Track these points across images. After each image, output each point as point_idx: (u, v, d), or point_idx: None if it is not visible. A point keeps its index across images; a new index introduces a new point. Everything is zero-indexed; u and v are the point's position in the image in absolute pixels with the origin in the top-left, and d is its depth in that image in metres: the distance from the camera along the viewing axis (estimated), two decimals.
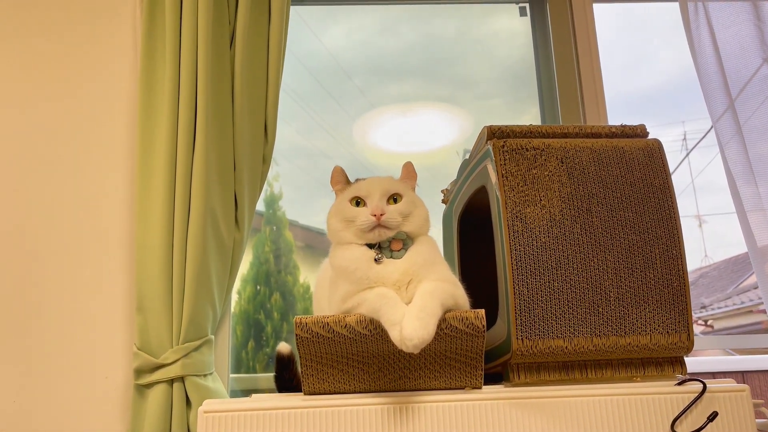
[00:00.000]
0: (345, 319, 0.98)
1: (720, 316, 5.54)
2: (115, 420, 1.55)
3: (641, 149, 1.13)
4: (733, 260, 6.64)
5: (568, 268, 1.06)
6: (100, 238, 1.66)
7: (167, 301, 1.49)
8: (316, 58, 2.12)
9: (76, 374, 1.58)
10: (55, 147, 1.72)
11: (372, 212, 1.02)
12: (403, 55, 2.20)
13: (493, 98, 2.18)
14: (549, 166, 1.11)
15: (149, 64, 1.64)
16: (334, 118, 2.09)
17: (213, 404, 0.99)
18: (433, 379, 1.03)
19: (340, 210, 1.07)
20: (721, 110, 1.64)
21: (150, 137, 1.59)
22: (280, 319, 1.90)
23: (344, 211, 1.06)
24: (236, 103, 1.63)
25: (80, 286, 1.63)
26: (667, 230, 1.09)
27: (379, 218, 1.02)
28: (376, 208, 1.03)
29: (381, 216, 1.02)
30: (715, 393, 1.00)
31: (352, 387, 1.03)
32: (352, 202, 1.06)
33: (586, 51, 1.94)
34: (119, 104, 1.75)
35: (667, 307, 1.06)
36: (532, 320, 1.04)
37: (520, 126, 1.17)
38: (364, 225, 1.03)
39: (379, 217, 1.02)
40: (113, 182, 1.70)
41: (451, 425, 0.97)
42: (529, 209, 1.08)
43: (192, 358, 1.47)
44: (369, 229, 1.03)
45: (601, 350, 1.05)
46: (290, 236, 1.98)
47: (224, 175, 1.60)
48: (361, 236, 1.04)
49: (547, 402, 0.99)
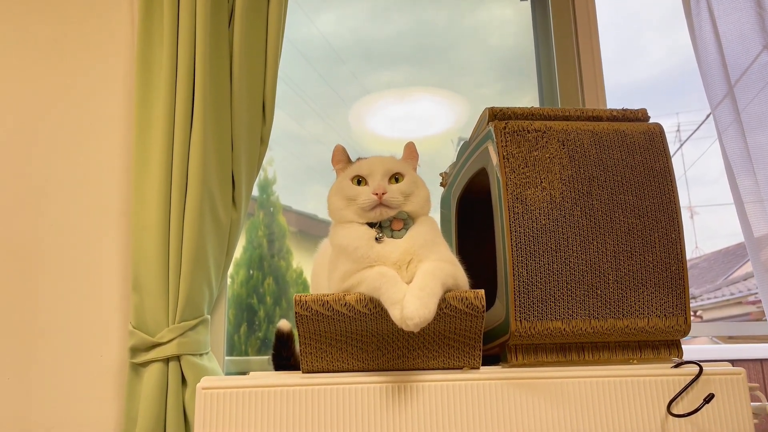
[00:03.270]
0: (345, 298, 0.98)
1: (709, 306, 5.59)
2: (110, 398, 1.55)
3: (642, 133, 1.13)
4: (723, 252, 6.69)
5: (567, 250, 1.06)
6: (96, 217, 1.65)
7: (163, 280, 1.48)
8: (308, 44, 2.10)
9: (71, 352, 1.57)
10: (50, 126, 1.70)
11: (374, 191, 1.02)
12: (394, 41, 2.18)
13: (485, 86, 2.16)
14: (550, 149, 1.11)
15: (146, 42, 1.62)
16: (327, 104, 2.07)
17: (211, 381, 0.99)
18: (431, 359, 1.03)
19: (341, 188, 1.06)
20: (720, 97, 1.64)
21: (147, 116, 1.58)
22: (272, 304, 1.89)
23: (345, 190, 1.05)
24: (234, 83, 1.61)
25: (76, 264, 1.62)
26: (667, 214, 1.09)
27: (380, 197, 1.01)
28: (378, 186, 1.02)
29: (383, 195, 1.01)
30: (711, 376, 1.01)
31: (350, 365, 1.03)
32: (354, 181, 1.05)
33: (586, 37, 1.94)
34: (116, 83, 1.73)
35: (665, 291, 1.07)
36: (530, 302, 1.04)
37: (522, 108, 1.16)
38: (366, 203, 1.02)
39: (381, 195, 1.01)
40: (110, 161, 1.69)
41: (449, 404, 0.98)
42: (529, 191, 1.08)
43: (188, 337, 1.47)
44: (370, 207, 1.02)
45: (599, 332, 1.05)
46: (284, 221, 1.97)
47: (222, 155, 1.59)
48: (362, 215, 1.04)
49: (544, 383, 1.00)
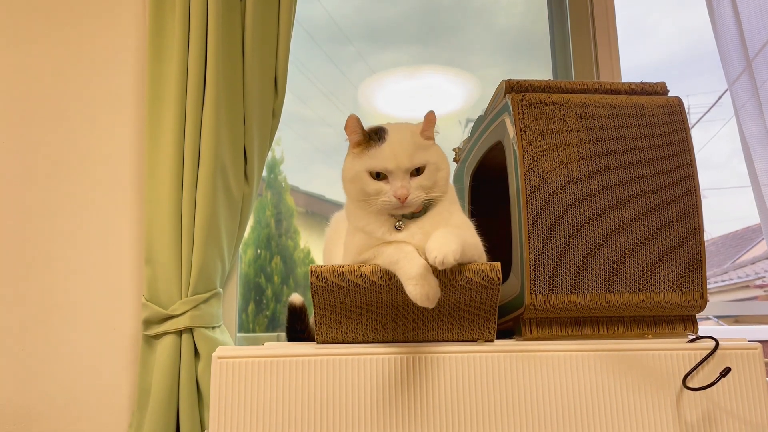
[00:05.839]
0: (360, 269, 0.98)
1: (716, 290, 5.57)
2: (124, 370, 1.56)
3: (661, 106, 1.12)
4: (731, 236, 6.66)
5: (584, 224, 1.05)
6: (109, 190, 1.65)
7: (176, 253, 1.49)
8: (313, 23, 2.07)
9: (85, 325, 1.58)
10: (63, 100, 1.69)
11: (395, 194, 0.96)
12: (401, 21, 2.14)
13: (493, 67, 2.14)
14: (568, 122, 1.09)
15: (159, 15, 1.60)
16: (334, 84, 2.05)
17: (227, 351, 0.99)
18: (446, 331, 1.03)
19: (359, 179, 0.99)
20: (738, 73, 1.61)
21: (159, 89, 1.57)
22: (280, 283, 1.89)
23: (364, 183, 0.98)
24: (246, 56, 1.60)
25: (89, 237, 1.63)
26: (685, 188, 1.08)
27: (403, 201, 0.96)
28: (400, 189, 0.96)
29: (405, 199, 0.96)
30: (727, 350, 1.01)
31: (365, 337, 1.03)
32: (372, 174, 0.98)
33: (602, 13, 1.91)
34: (128, 56, 1.72)
35: (681, 266, 1.06)
36: (546, 275, 1.04)
37: (539, 81, 1.15)
38: (387, 206, 0.97)
39: (404, 200, 0.96)
40: (122, 134, 1.68)
41: (462, 376, 0.98)
42: (546, 164, 1.07)
43: (201, 310, 1.48)
44: (392, 209, 0.98)
45: (614, 307, 1.05)
46: (291, 201, 1.96)
47: (234, 128, 1.58)
48: (382, 212, 0.99)
49: (558, 356, 1.00)
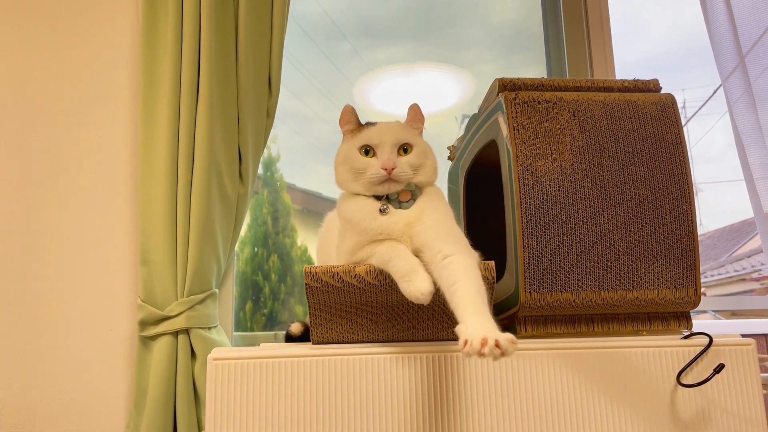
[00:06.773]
0: (354, 270, 0.98)
1: (713, 283, 5.60)
2: (121, 371, 1.56)
3: (654, 104, 1.12)
4: (728, 229, 6.69)
5: (577, 221, 1.05)
6: (104, 190, 1.65)
7: (171, 253, 1.49)
8: (308, 20, 2.06)
9: (81, 327, 1.58)
10: (57, 99, 1.69)
11: (383, 165, 1.00)
12: (395, 18, 2.14)
13: (487, 63, 2.14)
14: (561, 120, 1.10)
15: (151, 14, 1.60)
16: (329, 81, 2.05)
17: (222, 352, 0.99)
18: (441, 330, 1.03)
19: (348, 158, 1.04)
20: (731, 68, 1.62)
21: (153, 88, 1.57)
22: (277, 281, 1.89)
23: (353, 161, 1.03)
24: (240, 55, 1.60)
25: (83, 238, 1.62)
26: (678, 186, 1.08)
27: (390, 172, 0.99)
28: (387, 161, 1.00)
29: (392, 170, 0.99)
30: (721, 347, 1.01)
31: (360, 337, 1.03)
32: (361, 151, 1.03)
33: (596, 10, 1.91)
34: (121, 55, 1.72)
35: (675, 262, 1.07)
36: (540, 273, 1.04)
37: (532, 79, 1.15)
38: (374, 178, 1.00)
39: (391, 171, 0.99)
40: (116, 134, 1.68)
41: (457, 375, 0.98)
42: (540, 162, 1.07)
43: (197, 310, 1.48)
44: (379, 182, 1.01)
45: (609, 304, 1.05)
46: (288, 199, 1.96)
47: (228, 128, 1.58)
48: (369, 188, 1.02)
49: (553, 354, 1.00)
